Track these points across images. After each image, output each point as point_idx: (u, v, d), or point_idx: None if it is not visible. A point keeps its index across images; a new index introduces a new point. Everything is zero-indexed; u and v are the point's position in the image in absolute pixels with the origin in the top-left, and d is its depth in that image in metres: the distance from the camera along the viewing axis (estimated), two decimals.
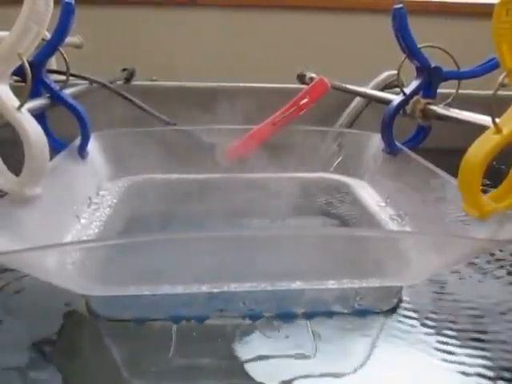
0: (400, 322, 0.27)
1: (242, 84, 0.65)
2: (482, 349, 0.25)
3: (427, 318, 0.27)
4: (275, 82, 0.66)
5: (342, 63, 0.73)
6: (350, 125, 0.60)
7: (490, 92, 0.25)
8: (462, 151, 0.26)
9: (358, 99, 0.61)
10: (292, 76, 0.67)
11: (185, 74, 0.66)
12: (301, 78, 0.66)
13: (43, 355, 0.24)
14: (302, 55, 0.79)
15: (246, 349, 0.25)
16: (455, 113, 0.35)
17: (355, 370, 0.23)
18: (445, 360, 0.24)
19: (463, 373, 0.23)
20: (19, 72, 0.28)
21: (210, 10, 0.82)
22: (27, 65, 0.27)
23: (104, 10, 0.80)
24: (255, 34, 0.83)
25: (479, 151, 0.25)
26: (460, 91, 0.40)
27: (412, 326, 0.27)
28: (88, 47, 0.68)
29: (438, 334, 0.26)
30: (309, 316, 0.27)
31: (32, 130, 0.27)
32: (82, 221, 0.34)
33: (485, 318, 0.28)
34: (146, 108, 0.48)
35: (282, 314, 0.27)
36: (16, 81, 0.32)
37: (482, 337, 0.26)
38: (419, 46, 0.38)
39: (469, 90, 0.45)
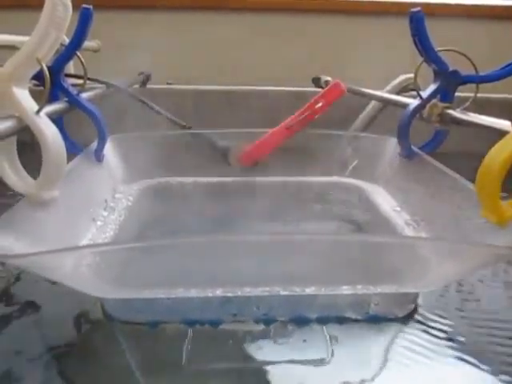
0: (416, 328, 0.27)
1: (256, 87, 0.65)
2: (501, 353, 0.24)
3: (444, 325, 0.27)
4: (290, 85, 0.66)
5: (358, 66, 0.72)
6: (366, 128, 0.60)
7: (510, 96, 0.25)
8: (481, 156, 0.26)
9: (373, 103, 0.60)
10: (307, 79, 0.67)
11: (200, 77, 0.67)
12: (316, 82, 0.66)
13: (59, 357, 0.24)
14: (318, 58, 0.79)
15: (260, 353, 0.25)
16: (473, 117, 0.35)
17: (370, 377, 0.23)
18: (461, 368, 0.24)
19: (480, 380, 0.23)
20: (38, 76, 0.29)
21: (225, 13, 0.82)
22: (46, 69, 0.28)
23: (120, 15, 0.81)
24: (270, 38, 0.83)
25: (498, 156, 0.25)
26: (478, 95, 0.39)
27: (428, 332, 0.26)
28: (105, 51, 0.69)
29: (454, 341, 0.26)
30: (323, 321, 0.27)
31: (50, 133, 0.28)
32: (98, 223, 0.34)
33: (504, 324, 0.27)
34: (162, 111, 0.48)
35: (296, 318, 0.27)
36: (35, 85, 0.33)
37: (501, 343, 0.25)
38: (437, 49, 0.38)
39: (487, 93, 0.45)
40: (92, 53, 0.68)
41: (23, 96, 0.27)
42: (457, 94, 0.39)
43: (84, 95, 0.40)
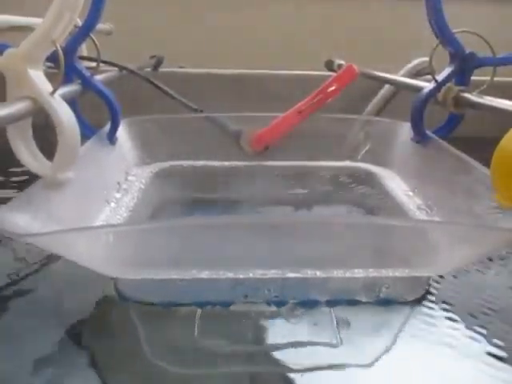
0: (426, 312, 0.27)
1: (269, 71, 0.65)
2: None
3: (454, 309, 0.27)
4: (302, 69, 0.65)
5: (372, 49, 0.71)
6: (379, 113, 0.59)
7: None
8: (495, 140, 0.25)
9: (387, 87, 0.60)
10: (320, 63, 0.66)
11: (212, 61, 0.66)
12: (329, 65, 0.65)
13: (73, 336, 0.25)
14: (330, 42, 0.78)
15: (270, 335, 0.25)
16: (489, 100, 0.34)
17: (379, 360, 0.23)
18: (471, 352, 0.24)
19: (490, 364, 0.23)
20: (52, 58, 0.29)
21: None
22: (60, 51, 0.28)
23: None
24: (282, 21, 0.82)
25: None
26: (495, 78, 0.38)
27: (438, 316, 0.26)
28: (117, 34, 0.69)
29: (465, 325, 0.26)
30: (333, 304, 0.27)
31: (65, 115, 0.28)
32: (112, 205, 0.35)
33: None
34: (174, 95, 0.48)
35: (307, 301, 0.27)
36: (48, 67, 0.33)
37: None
38: (453, 31, 0.37)
39: (504, 77, 0.44)
40: (105, 36, 0.68)
41: (38, 77, 0.27)
42: (473, 77, 0.39)
43: (97, 77, 0.40)
